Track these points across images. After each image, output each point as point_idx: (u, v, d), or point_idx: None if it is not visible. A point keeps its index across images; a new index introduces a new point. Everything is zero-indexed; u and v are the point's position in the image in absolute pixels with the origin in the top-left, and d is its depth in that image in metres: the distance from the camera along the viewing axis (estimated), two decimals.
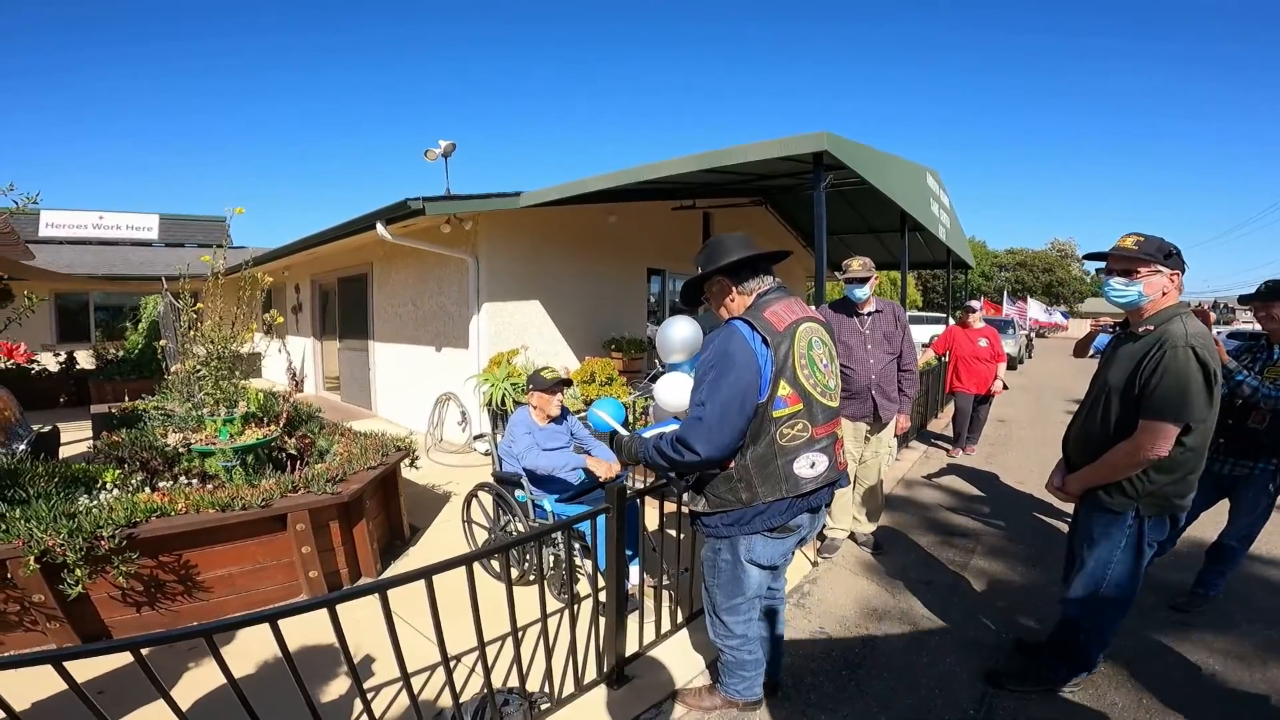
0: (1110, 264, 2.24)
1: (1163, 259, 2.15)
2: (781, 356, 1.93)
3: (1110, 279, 2.23)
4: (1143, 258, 2.15)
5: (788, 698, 2.56)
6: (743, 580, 2.14)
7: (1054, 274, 55.76)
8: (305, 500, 3.18)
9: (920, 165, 7.21)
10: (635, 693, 2.54)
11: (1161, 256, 2.15)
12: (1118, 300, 2.23)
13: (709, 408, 1.90)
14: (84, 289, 14.41)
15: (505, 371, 6.04)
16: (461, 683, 2.55)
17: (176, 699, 2.32)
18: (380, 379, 8.90)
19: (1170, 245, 2.19)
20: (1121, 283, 2.20)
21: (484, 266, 6.68)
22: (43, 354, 10.83)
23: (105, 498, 2.96)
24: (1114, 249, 2.22)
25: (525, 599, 2.55)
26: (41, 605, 2.58)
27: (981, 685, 2.64)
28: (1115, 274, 2.22)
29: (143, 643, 1.34)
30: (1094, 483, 2.28)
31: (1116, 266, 2.22)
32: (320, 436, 4.50)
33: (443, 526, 4.50)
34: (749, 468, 1.98)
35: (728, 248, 2.10)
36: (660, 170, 5.02)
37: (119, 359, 9.77)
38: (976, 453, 6.87)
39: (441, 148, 6.72)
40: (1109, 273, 2.24)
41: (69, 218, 17.34)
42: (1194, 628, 3.08)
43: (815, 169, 4.53)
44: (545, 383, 3.48)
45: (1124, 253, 2.18)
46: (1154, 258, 2.15)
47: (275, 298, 12.89)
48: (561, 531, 2.51)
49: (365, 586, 1.65)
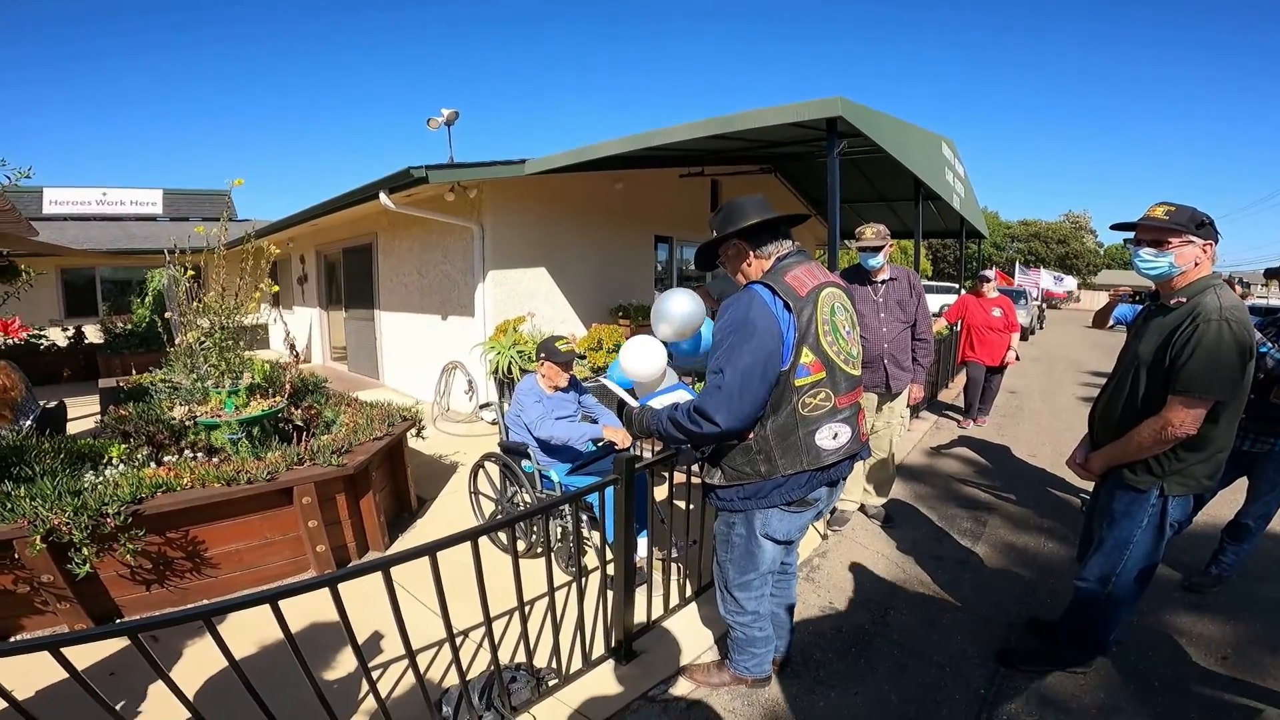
0: (1139, 234, 2.14)
1: (1194, 229, 2.05)
2: (804, 322, 1.85)
3: (1140, 250, 2.13)
4: (1174, 227, 2.05)
5: (796, 674, 2.53)
6: (756, 555, 2.09)
7: (1068, 246, 54.97)
8: (311, 473, 3.15)
9: (936, 134, 7.02)
10: (643, 668, 2.53)
11: (1193, 226, 2.05)
12: (1148, 272, 2.13)
13: (729, 375, 1.81)
14: (90, 264, 14.39)
15: (511, 339, 5.99)
16: (469, 658, 2.54)
17: (186, 677, 2.37)
18: (387, 348, 8.88)
19: (1203, 215, 2.08)
20: (1152, 253, 2.10)
21: (489, 234, 6.58)
22: (51, 329, 10.87)
23: (111, 473, 2.94)
24: (1143, 218, 2.12)
25: (532, 572, 2.53)
26: (50, 585, 2.57)
27: (993, 664, 2.61)
28: (1145, 244, 2.12)
29: (140, 627, 1.31)
30: (1119, 460, 2.20)
31: (1146, 237, 2.12)
32: (326, 407, 4.47)
33: (450, 497, 4.49)
34: (769, 439, 1.90)
35: (745, 210, 2.01)
36: (670, 136, 4.88)
37: (127, 333, 9.79)
38: (988, 424, 6.80)
39: (444, 116, 6.58)
40: (1138, 243, 2.14)
41: (72, 194, 17.29)
42: (1208, 609, 3.02)
43: (829, 135, 4.37)
44: (559, 355, 3.42)
45: (1154, 222, 2.08)
46: (1185, 228, 2.05)
47: (280, 269, 12.84)
48: (569, 504, 2.47)
49: (366, 565, 1.61)
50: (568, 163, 5.65)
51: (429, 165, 5.41)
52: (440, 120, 6.60)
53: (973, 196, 9.77)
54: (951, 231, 11.50)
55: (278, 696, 1.70)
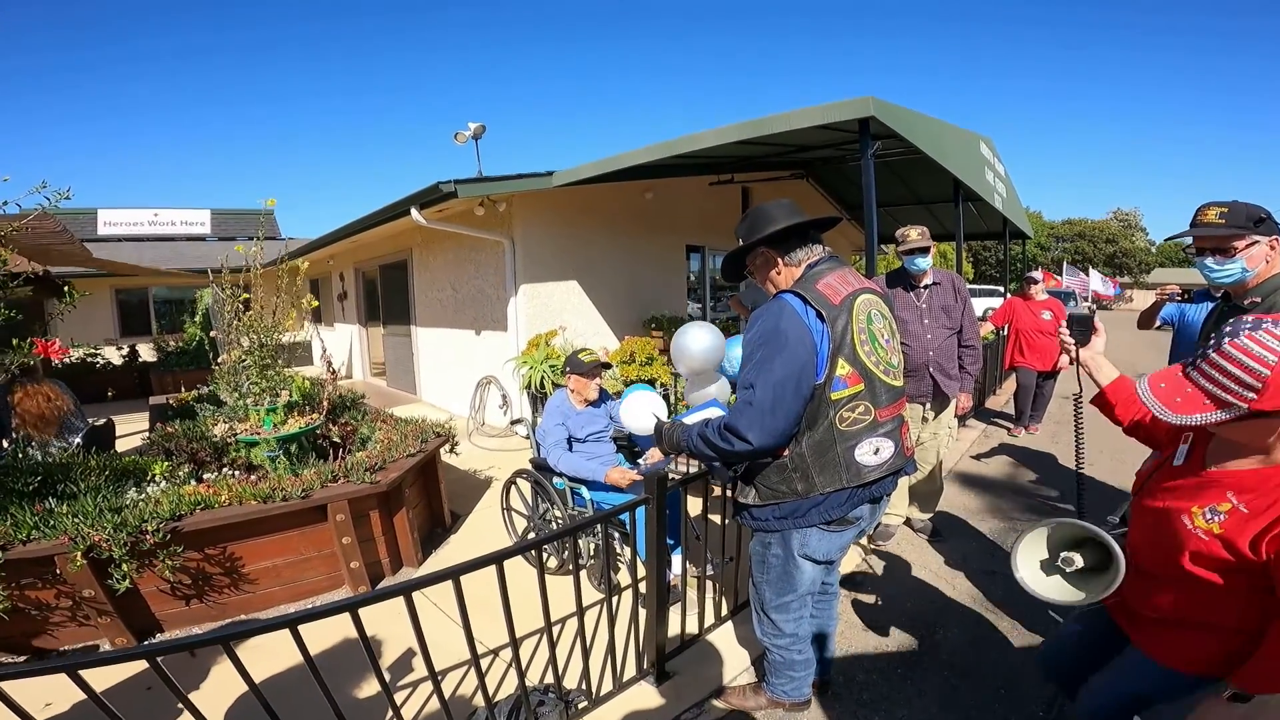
0: (1198, 244, 2.01)
1: (1254, 226, 1.92)
2: (839, 332, 1.74)
3: (1203, 259, 2.01)
4: (1234, 231, 1.92)
5: (838, 697, 2.42)
6: (794, 576, 1.99)
7: (1117, 244, 53.12)
8: (345, 490, 3.16)
9: (973, 132, 6.82)
10: (676, 690, 2.44)
11: (1252, 224, 1.93)
12: (1220, 281, 2.01)
13: (759, 390, 1.71)
14: (142, 284, 14.99)
15: (544, 353, 5.98)
16: (498, 679, 2.50)
17: (219, 692, 2.38)
18: (423, 363, 9.00)
19: (1259, 210, 1.95)
20: (1218, 262, 1.98)
21: (520, 248, 6.62)
22: (105, 347, 11.32)
23: (152, 491, 3.00)
24: (1196, 224, 1.99)
25: (562, 589, 2.47)
26: (92, 600, 2.62)
27: (1053, 686, 2.45)
28: (1207, 254, 1.99)
29: (157, 650, 1.29)
30: None
31: (1207, 246, 1.99)
32: (363, 424, 4.51)
33: (484, 513, 4.48)
34: (805, 455, 1.80)
35: (772, 216, 1.91)
36: (698, 142, 4.83)
37: (178, 351, 10.14)
38: (1040, 432, 6.52)
39: (471, 130, 6.64)
40: (1199, 253, 2.02)
41: (125, 216, 18.06)
42: None
43: (862, 137, 4.27)
44: (583, 366, 3.38)
45: (1212, 231, 1.94)
46: (1245, 228, 1.92)
47: (321, 286, 13.19)
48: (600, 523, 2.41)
49: (387, 590, 1.58)
50: (596, 173, 5.64)
51: (458, 180, 5.46)
52: (468, 134, 6.68)
53: (1015, 196, 9.48)
54: (993, 233, 11.18)
55: (309, 713, 1.68)
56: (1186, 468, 1.42)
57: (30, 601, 2.61)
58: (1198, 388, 1.22)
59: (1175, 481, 1.43)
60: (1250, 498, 1.26)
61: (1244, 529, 1.25)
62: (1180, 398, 1.24)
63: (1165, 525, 1.41)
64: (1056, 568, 1.57)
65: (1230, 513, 1.28)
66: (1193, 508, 1.34)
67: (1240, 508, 1.27)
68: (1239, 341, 1.17)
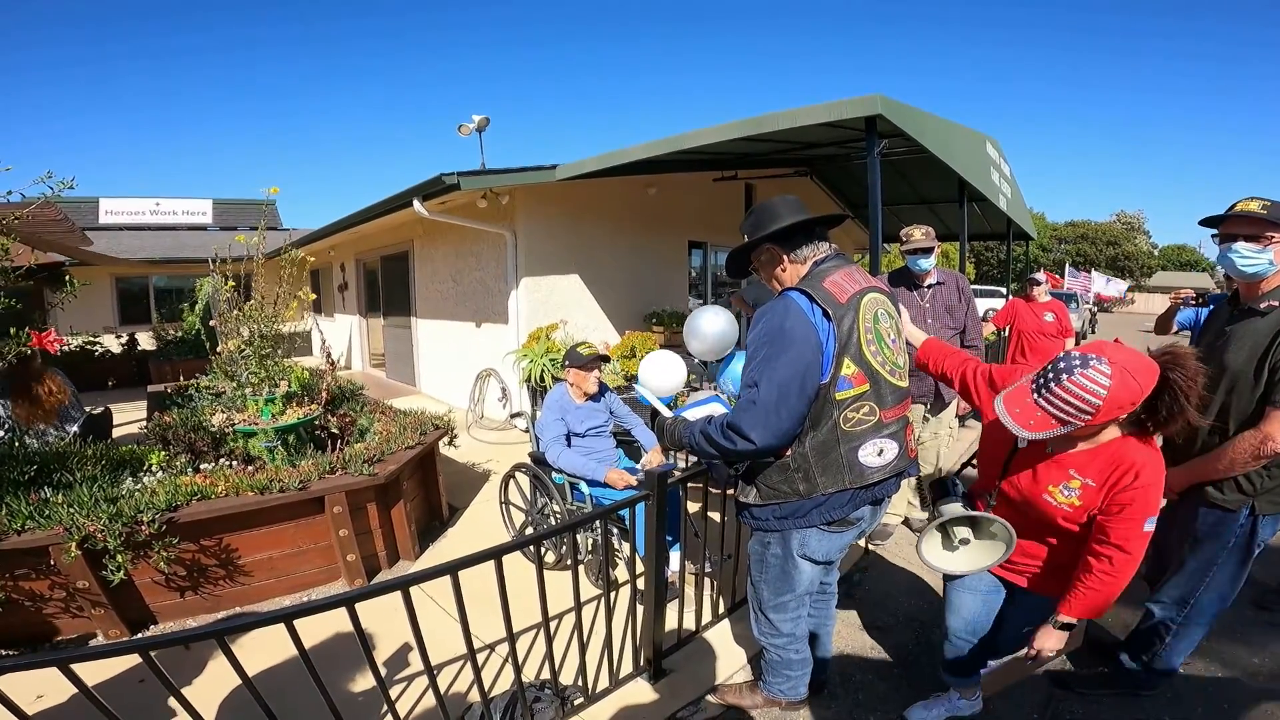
0: (1234, 228, 1.98)
1: None
2: (845, 331, 1.71)
3: (1234, 245, 1.97)
4: (1276, 220, 1.89)
5: (834, 697, 2.42)
6: (793, 576, 1.98)
7: (1119, 247, 53.00)
8: (342, 482, 3.14)
9: (979, 133, 6.78)
10: (673, 687, 2.44)
11: None
12: (1246, 268, 1.97)
13: (764, 389, 1.68)
14: (143, 273, 14.96)
15: (544, 347, 5.96)
16: (494, 674, 2.49)
17: (215, 685, 2.37)
18: (423, 355, 8.98)
19: None
20: (1251, 249, 1.94)
21: (522, 241, 6.59)
22: (104, 335, 11.30)
23: (149, 481, 2.98)
24: (1239, 211, 1.96)
25: (559, 585, 2.46)
26: (86, 591, 2.60)
27: (1048, 687, 2.45)
28: (1240, 239, 1.96)
29: (153, 644, 1.28)
30: (1206, 478, 2.04)
31: (1243, 231, 1.95)
32: (362, 415, 4.50)
33: (482, 506, 4.47)
34: (808, 456, 1.78)
35: (777, 212, 1.89)
36: (702, 138, 4.79)
37: (177, 340, 10.11)
38: None
39: (475, 122, 6.62)
40: (1230, 238, 1.98)
41: (127, 205, 18.00)
42: None
43: (868, 135, 4.23)
44: (581, 358, 3.36)
45: (1254, 215, 1.92)
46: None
47: (322, 277, 13.16)
48: (599, 519, 2.39)
49: (384, 585, 1.56)
50: (599, 167, 5.60)
51: (460, 172, 5.43)
52: (471, 126, 6.65)
53: (1020, 197, 9.44)
54: (997, 234, 11.13)
55: (305, 707, 1.67)
56: (1033, 453, 1.80)
57: (24, 592, 2.59)
58: (1046, 413, 1.56)
59: (1028, 468, 1.80)
60: (1091, 473, 1.67)
61: (1095, 497, 1.67)
62: (1033, 420, 1.57)
63: (1032, 502, 1.80)
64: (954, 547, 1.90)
65: (1082, 488, 1.69)
66: (1049, 486, 1.75)
67: (1088, 482, 1.68)
68: (1075, 379, 1.51)
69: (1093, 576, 1.69)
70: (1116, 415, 1.54)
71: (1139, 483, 1.61)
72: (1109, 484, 1.64)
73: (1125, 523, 1.63)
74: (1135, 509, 1.61)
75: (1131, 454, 1.64)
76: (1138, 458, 1.63)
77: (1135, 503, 1.61)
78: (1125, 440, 1.67)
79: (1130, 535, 1.63)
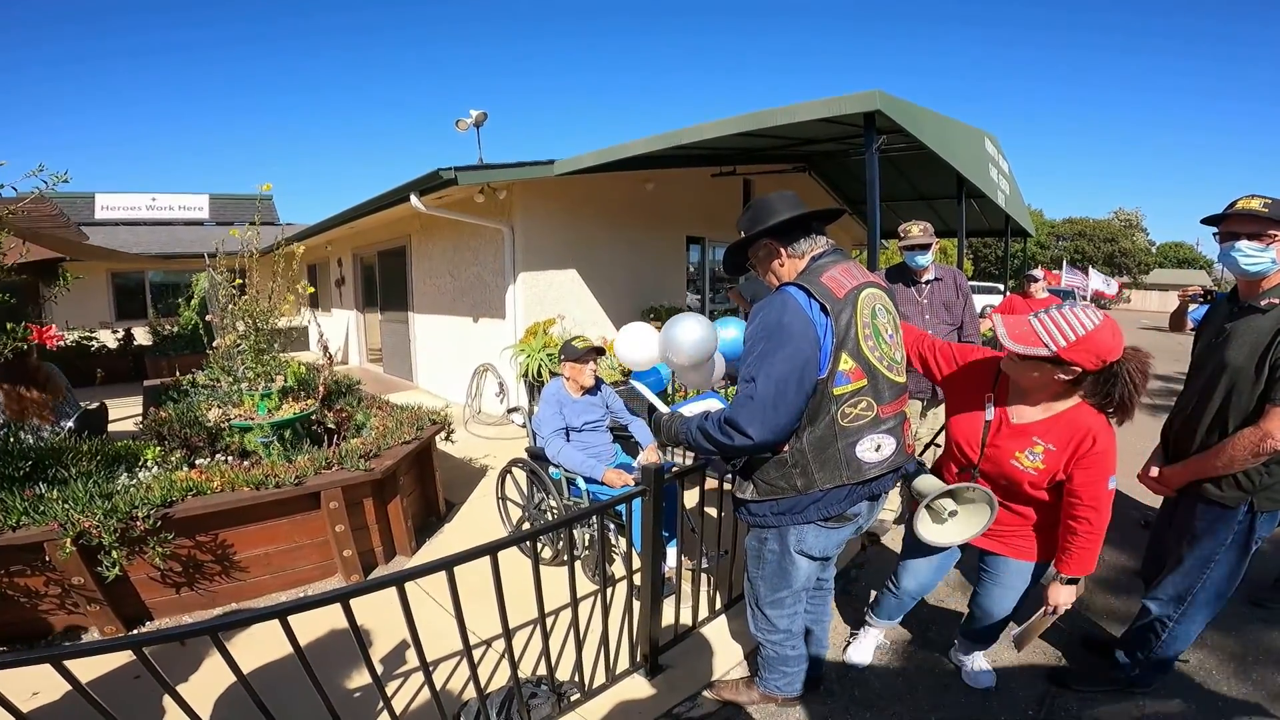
0: (1235, 226, 1.97)
1: None
2: (843, 326, 1.71)
3: (1237, 244, 1.96)
4: (1277, 218, 1.89)
5: (831, 693, 2.42)
6: (790, 572, 1.98)
7: (1117, 244, 53.04)
8: (338, 477, 3.14)
9: (978, 129, 6.77)
10: (669, 683, 2.44)
11: None
12: (1249, 267, 1.96)
13: (761, 385, 1.67)
14: (139, 268, 14.90)
15: (541, 342, 5.96)
16: (491, 670, 2.48)
17: (210, 681, 2.36)
18: (420, 350, 8.97)
19: None
20: (1254, 247, 1.93)
21: (519, 236, 6.58)
22: (101, 331, 11.26)
23: (144, 476, 2.97)
24: (1240, 210, 1.95)
25: (556, 581, 2.46)
26: (81, 588, 2.58)
27: (1043, 684, 2.46)
28: (1243, 238, 1.95)
29: (146, 641, 1.27)
30: (1205, 475, 2.04)
31: (1245, 229, 1.94)
32: (358, 410, 4.48)
33: (479, 502, 4.46)
34: (806, 451, 1.78)
35: (774, 207, 1.88)
36: (701, 134, 4.78)
37: (174, 335, 10.08)
38: None
39: (473, 117, 6.58)
40: (1232, 237, 1.97)
41: (123, 200, 17.95)
42: (1277, 626, 2.82)
43: (866, 131, 4.22)
44: (576, 351, 3.36)
45: (1256, 213, 1.91)
46: None
47: (319, 272, 13.11)
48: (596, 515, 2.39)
49: (380, 580, 1.56)
50: (597, 162, 5.59)
51: (458, 167, 5.41)
52: (469, 121, 6.61)
53: (1018, 194, 9.43)
54: (995, 230, 11.13)
55: (301, 702, 1.66)
56: (998, 425, 1.97)
57: (19, 589, 2.58)
58: (1033, 331, 1.73)
59: (997, 437, 1.97)
60: (1053, 438, 1.85)
61: (1058, 462, 1.86)
62: (1019, 333, 1.74)
63: (1004, 470, 1.97)
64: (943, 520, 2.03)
65: (1045, 452, 1.87)
66: (1016, 452, 1.92)
67: (1049, 447, 1.86)
68: (1072, 311, 1.72)
69: (1078, 538, 1.88)
70: (1083, 361, 1.70)
71: (1097, 447, 1.80)
72: (1070, 451, 1.83)
73: (1093, 485, 1.82)
74: (1098, 471, 1.81)
75: (1086, 419, 1.82)
76: (1092, 423, 1.81)
77: (1097, 465, 1.81)
78: (1080, 406, 1.85)
79: (1099, 495, 1.83)
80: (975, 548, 2.17)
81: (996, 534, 2.10)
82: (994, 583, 2.20)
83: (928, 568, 2.35)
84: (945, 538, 2.04)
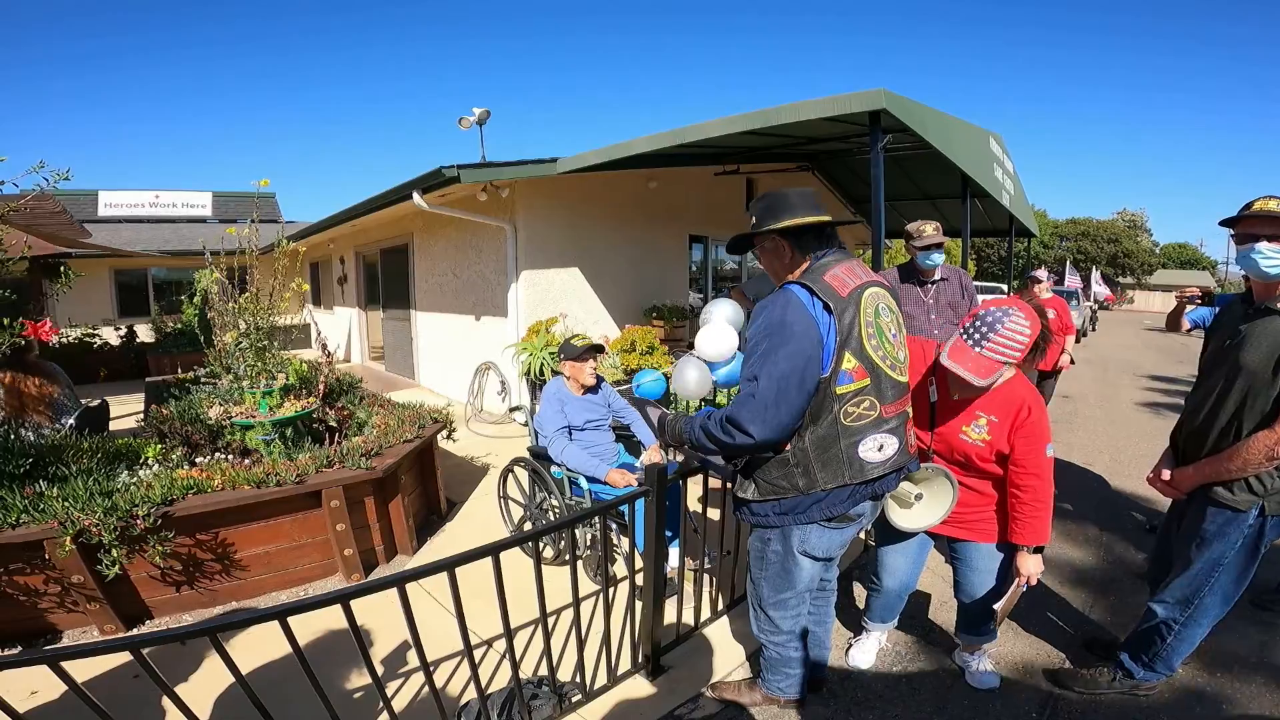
0: (1254, 227, 1.94)
1: None
2: (846, 325, 1.70)
3: (1256, 245, 1.92)
4: None
5: (833, 694, 2.40)
6: (793, 573, 1.97)
7: (1120, 245, 52.86)
8: (339, 476, 3.12)
9: (983, 129, 6.74)
10: (671, 684, 2.42)
11: None
12: (1270, 269, 1.92)
13: (763, 383, 1.67)
14: (142, 265, 14.90)
15: (543, 340, 5.95)
16: (492, 671, 2.47)
17: (210, 682, 2.35)
18: (422, 348, 8.96)
19: None
20: (1274, 249, 1.89)
21: (522, 234, 6.57)
22: (103, 328, 11.26)
23: (145, 474, 2.96)
24: (1258, 211, 1.93)
25: (558, 581, 2.44)
26: (81, 586, 2.57)
27: (1046, 686, 2.44)
28: (1262, 239, 1.92)
29: (145, 641, 1.26)
30: (1217, 478, 2.01)
31: (1265, 231, 1.91)
32: (360, 408, 4.47)
33: (480, 500, 4.45)
34: (808, 451, 1.76)
35: (792, 206, 1.85)
36: (704, 131, 4.76)
37: (176, 332, 10.08)
38: None
39: (476, 115, 6.57)
40: (1250, 238, 1.94)
41: (126, 197, 17.95)
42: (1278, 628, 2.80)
43: (871, 130, 4.20)
44: (575, 350, 3.35)
45: (1275, 214, 1.88)
46: None
47: (321, 270, 13.11)
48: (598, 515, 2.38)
49: (379, 581, 1.54)
50: (599, 161, 5.57)
51: (460, 165, 5.39)
52: (472, 119, 6.60)
53: (1023, 194, 9.40)
54: (999, 230, 11.10)
55: (301, 702, 1.65)
56: (943, 402, 2.12)
57: (18, 587, 2.57)
58: (991, 360, 1.87)
59: (946, 417, 2.11)
60: (994, 409, 2.01)
61: (1001, 433, 2.01)
62: (983, 367, 1.87)
63: (954, 446, 2.10)
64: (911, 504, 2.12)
65: (989, 424, 2.02)
66: (963, 426, 2.07)
67: (992, 418, 2.01)
68: (1008, 327, 1.86)
69: (1025, 505, 2.02)
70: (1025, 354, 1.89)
71: (1033, 416, 1.97)
72: (1010, 421, 1.99)
73: (1033, 453, 1.97)
74: (1035, 438, 1.97)
75: (1020, 391, 2.01)
76: (1025, 394, 2.00)
77: (1034, 433, 1.97)
78: (1015, 378, 2.02)
79: (1040, 462, 1.98)
80: (946, 538, 2.30)
81: (961, 521, 2.20)
82: (968, 568, 2.30)
83: (904, 562, 2.39)
84: (918, 522, 2.12)
